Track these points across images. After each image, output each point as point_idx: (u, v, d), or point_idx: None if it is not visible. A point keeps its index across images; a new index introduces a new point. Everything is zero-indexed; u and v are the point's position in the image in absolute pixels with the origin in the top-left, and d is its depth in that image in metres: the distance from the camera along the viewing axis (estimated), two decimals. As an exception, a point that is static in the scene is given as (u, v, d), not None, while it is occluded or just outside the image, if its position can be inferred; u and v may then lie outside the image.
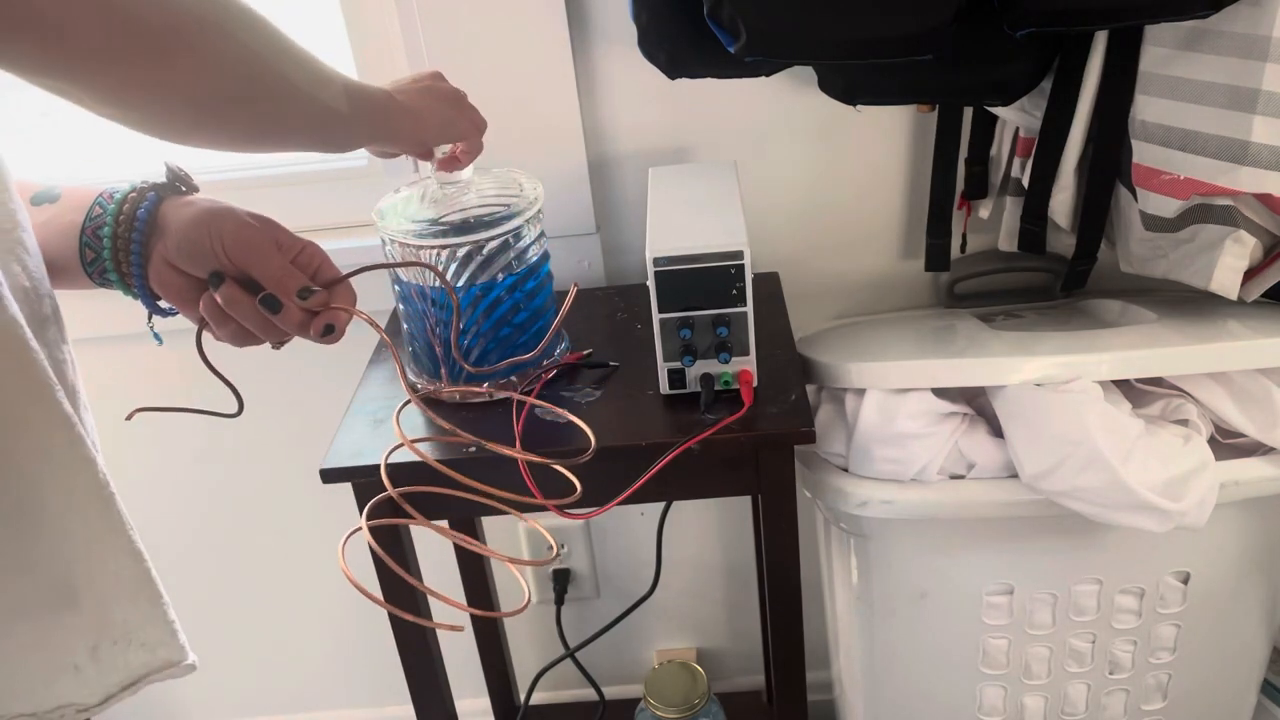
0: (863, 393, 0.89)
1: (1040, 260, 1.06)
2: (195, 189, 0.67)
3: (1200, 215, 0.86)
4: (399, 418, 0.69)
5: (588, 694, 1.29)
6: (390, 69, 1.06)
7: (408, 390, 0.67)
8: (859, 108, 0.99)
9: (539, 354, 0.88)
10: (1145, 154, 0.87)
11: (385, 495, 0.67)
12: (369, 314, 0.67)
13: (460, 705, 1.00)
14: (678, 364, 0.84)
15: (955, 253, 1.07)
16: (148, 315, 0.68)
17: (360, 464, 0.83)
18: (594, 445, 0.74)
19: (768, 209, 1.09)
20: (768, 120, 1.05)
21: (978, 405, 0.91)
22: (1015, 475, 0.87)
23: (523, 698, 1.30)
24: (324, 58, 0.65)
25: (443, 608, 0.64)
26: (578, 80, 1.02)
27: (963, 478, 0.89)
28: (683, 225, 0.84)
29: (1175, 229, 0.88)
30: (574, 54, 1.01)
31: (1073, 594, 0.94)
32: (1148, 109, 0.86)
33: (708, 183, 0.93)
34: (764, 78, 0.99)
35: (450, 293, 0.82)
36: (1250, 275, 0.87)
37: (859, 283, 1.14)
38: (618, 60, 1.03)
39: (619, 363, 0.92)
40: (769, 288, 1.02)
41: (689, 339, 0.82)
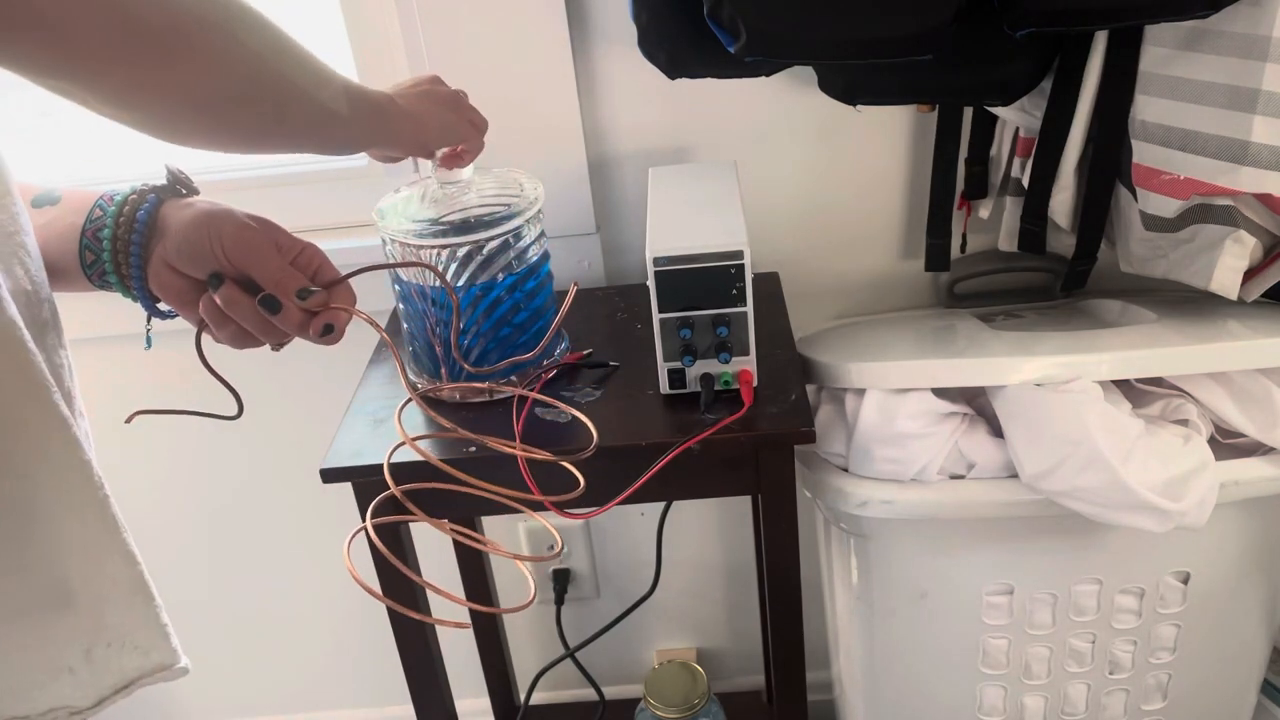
0: (863, 393, 0.89)
1: (1040, 260, 1.06)
2: (195, 191, 0.67)
3: (1200, 215, 0.86)
4: (400, 416, 0.69)
5: (588, 694, 1.29)
6: (390, 69, 1.06)
7: (408, 389, 0.67)
8: (859, 108, 0.99)
9: (539, 354, 0.88)
10: (1145, 154, 0.87)
11: (388, 494, 0.67)
12: (369, 314, 0.67)
13: (460, 705, 1.00)
14: (678, 364, 0.84)
15: (955, 253, 1.07)
16: (146, 317, 0.68)
17: (360, 464, 0.83)
18: (595, 440, 0.74)
19: (768, 209, 1.09)
20: (768, 120, 1.05)
21: (978, 405, 0.91)
22: (1015, 475, 0.87)
23: (523, 698, 1.30)
24: (324, 59, 0.65)
25: (444, 610, 0.64)
26: (578, 80, 1.02)
27: (963, 478, 0.89)
28: (683, 225, 0.84)
29: (1175, 229, 0.88)
30: (574, 54, 1.01)
31: (1073, 594, 0.94)
32: (1148, 109, 0.86)
33: (708, 183, 0.93)
34: (764, 78, 0.99)
35: (450, 293, 0.82)
36: (1250, 275, 0.87)
37: (859, 283, 1.14)
38: (618, 60, 1.03)
39: (619, 363, 0.92)
40: (769, 288, 1.02)
41: (689, 339, 0.82)
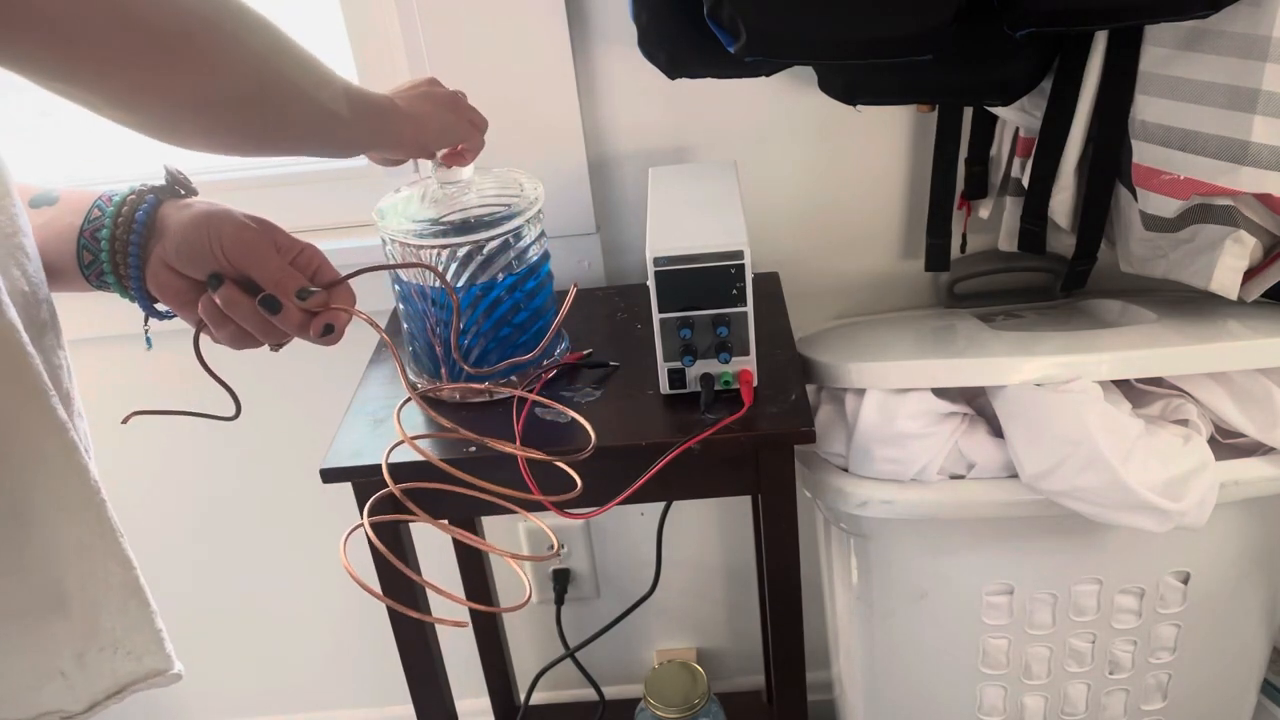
0: (863, 393, 0.89)
1: (1040, 260, 1.06)
2: (194, 192, 0.67)
3: (1200, 215, 0.86)
4: (399, 416, 0.69)
5: (588, 694, 1.29)
6: (390, 69, 1.06)
7: (408, 389, 0.67)
8: (859, 108, 0.99)
9: (539, 354, 0.88)
10: (1145, 154, 0.87)
11: (386, 492, 0.67)
12: (369, 314, 0.67)
13: (460, 705, 1.00)
14: (678, 364, 0.84)
15: (955, 253, 1.07)
16: (144, 318, 0.68)
17: (360, 464, 0.83)
18: (594, 441, 0.74)
19: (768, 209, 1.09)
20: (768, 120, 1.05)
21: (978, 405, 0.91)
22: (1015, 475, 0.87)
23: (523, 698, 1.30)
24: (324, 61, 0.65)
25: (444, 609, 0.64)
26: (578, 80, 1.02)
27: (963, 478, 0.89)
28: (683, 225, 0.84)
29: (1175, 229, 0.88)
30: (574, 54, 1.01)
31: (1073, 594, 0.94)
32: (1148, 109, 0.86)
33: (708, 183, 0.93)
34: (764, 78, 0.99)
35: (450, 293, 0.82)
36: (1250, 275, 0.87)
37: (859, 283, 1.14)
38: (618, 60, 1.03)
39: (619, 363, 0.92)
40: (769, 288, 1.02)
41: (689, 339, 0.82)
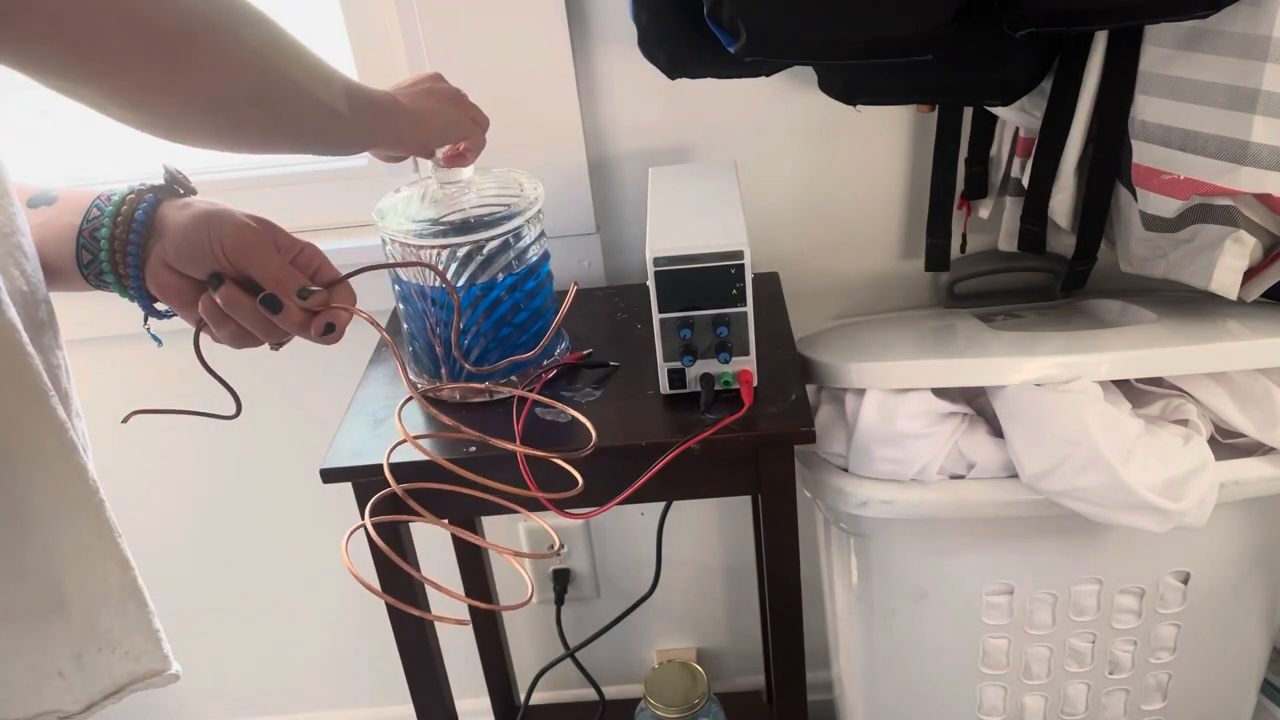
0: (863, 393, 0.89)
1: (1040, 260, 1.06)
2: (193, 191, 0.67)
3: (1200, 215, 0.86)
4: (401, 414, 0.69)
5: (588, 694, 1.29)
6: (390, 69, 1.06)
7: (409, 387, 0.67)
8: (859, 108, 0.99)
9: (539, 354, 0.88)
10: (1145, 154, 0.87)
11: (388, 491, 0.67)
12: (369, 314, 0.67)
13: (460, 705, 1.00)
14: (678, 364, 0.84)
15: (955, 253, 1.07)
16: (144, 317, 0.68)
17: (360, 464, 0.83)
18: (594, 439, 0.74)
19: (768, 209, 1.09)
20: (768, 120, 1.05)
21: (978, 405, 0.91)
22: (1015, 475, 0.87)
23: (523, 697, 1.30)
24: (325, 58, 0.65)
25: (445, 609, 0.64)
26: (578, 80, 1.02)
27: (963, 478, 0.89)
28: (683, 225, 0.84)
29: (1175, 229, 0.88)
30: (574, 54, 1.01)
31: (1073, 594, 0.94)
32: (1148, 109, 0.86)
33: (708, 183, 0.93)
34: (764, 78, 0.99)
35: (451, 292, 0.82)
36: (1250, 275, 0.87)
37: (859, 283, 1.14)
38: (618, 60, 1.03)
39: (619, 363, 0.92)
40: (769, 288, 1.02)
41: (689, 339, 0.82)
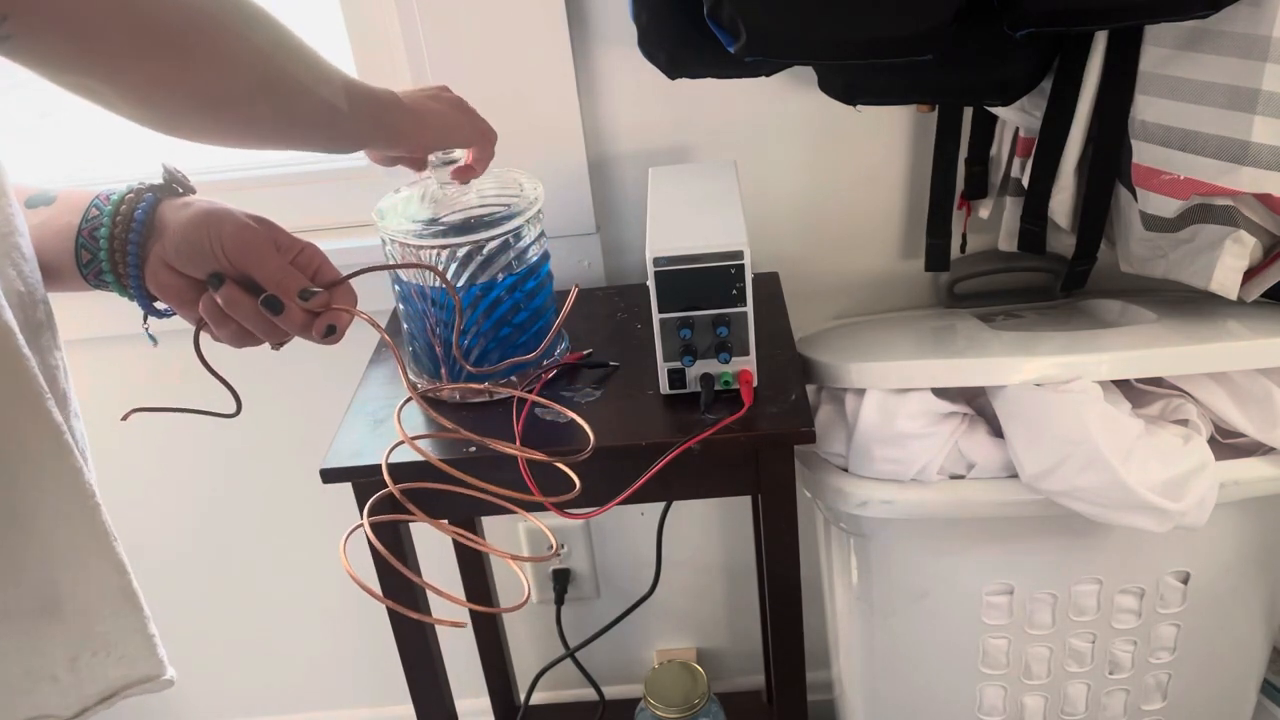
0: (863, 393, 0.89)
1: (1040, 260, 1.06)
2: (192, 190, 0.67)
3: (1200, 215, 0.86)
4: (400, 415, 0.69)
5: (588, 694, 1.29)
6: (390, 69, 1.06)
7: (409, 388, 0.67)
8: (859, 108, 0.99)
9: (539, 354, 0.88)
10: (1145, 154, 0.87)
11: (386, 492, 0.67)
12: (369, 314, 0.67)
13: (460, 705, 1.00)
14: (678, 364, 0.84)
15: (955, 253, 1.07)
16: (143, 317, 0.68)
17: (360, 464, 0.83)
18: (593, 442, 0.74)
19: (768, 209, 1.09)
20: (768, 120, 1.05)
21: (978, 405, 0.91)
22: (1015, 475, 0.87)
23: (523, 698, 1.30)
24: (325, 55, 0.66)
25: (444, 609, 0.64)
26: (578, 80, 1.02)
27: (963, 478, 0.89)
28: (683, 225, 0.84)
29: (1175, 229, 0.88)
30: (574, 54, 1.01)
31: (1073, 594, 0.94)
32: (1148, 109, 0.86)
33: (708, 183, 0.93)
34: (764, 78, 0.99)
35: (452, 292, 0.82)
36: (1250, 275, 0.87)
37: (859, 283, 1.14)
38: (618, 60, 1.03)
39: (619, 363, 0.92)
40: (769, 288, 1.02)
41: (689, 339, 0.82)
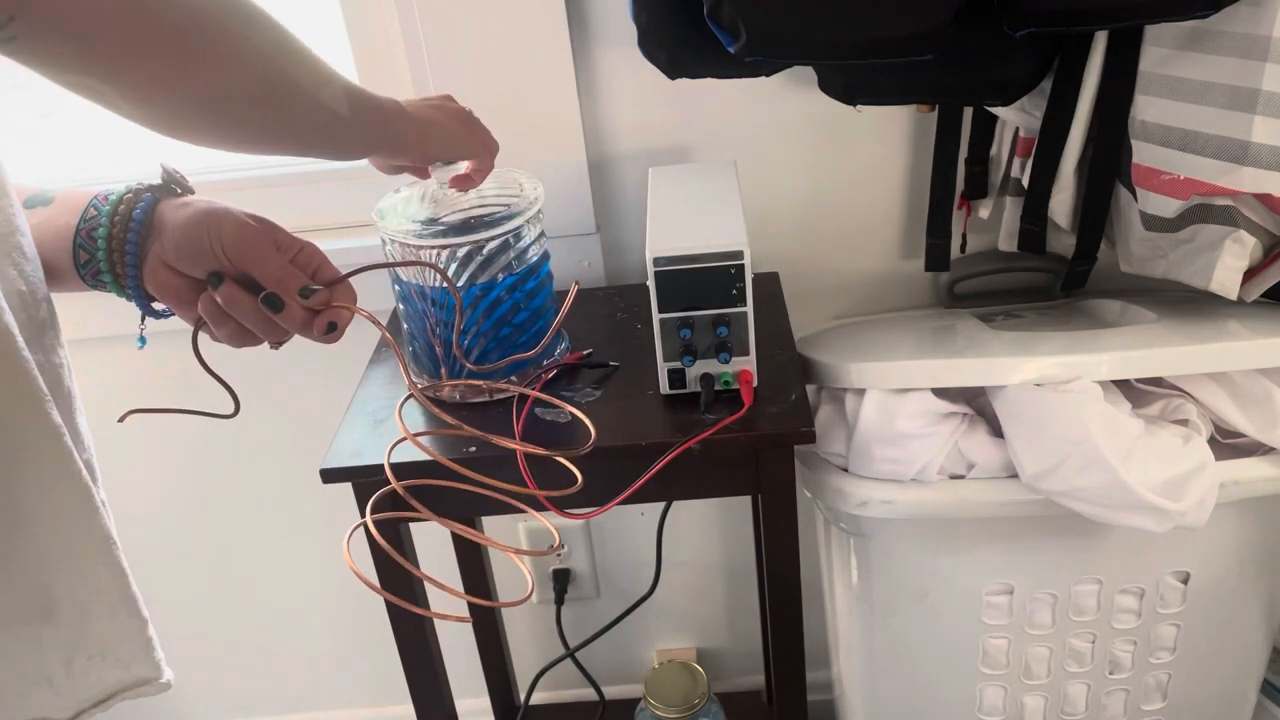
0: (863, 393, 0.89)
1: (1040, 260, 1.06)
2: (191, 190, 0.67)
3: (1200, 215, 0.86)
4: (401, 413, 0.69)
5: (588, 694, 1.29)
6: (390, 69, 1.06)
7: (410, 384, 0.67)
8: (859, 108, 0.99)
9: (539, 354, 0.88)
10: (1145, 154, 0.87)
11: (388, 489, 0.67)
12: (370, 313, 0.67)
13: (460, 705, 1.00)
14: (678, 364, 0.84)
15: (955, 253, 1.07)
16: (140, 317, 0.68)
17: (360, 464, 0.82)
18: (594, 437, 0.74)
19: (768, 209, 1.09)
20: (768, 120, 1.05)
21: (978, 405, 0.91)
22: (1015, 475, 0.87)
23: (523, 697, 1.30)
24: (326, 59, 0.66)
25: (445, 607, 0.64)
26: (578, 80, 1.02)
27: (963, 478, 0.89)
28: (683, 225, 0.84)
29: (1175, 229, 0.88)
30: (574, 54, 1.01)
31: (1073, 594, 0.94)
32: (1148, 109, 0.86)
33: (708, 183, 0.93)
34: (764, 78, 0.99)
35: (453, 290, 0.82)
36: (1250, 275, 0.87)
37: (859, 283, 1.14)
38: (618, 60, 1.03)
39: (619, 363, 0.92)
40: (769, 288, 1.02)
41: (689, 339, 0.82)
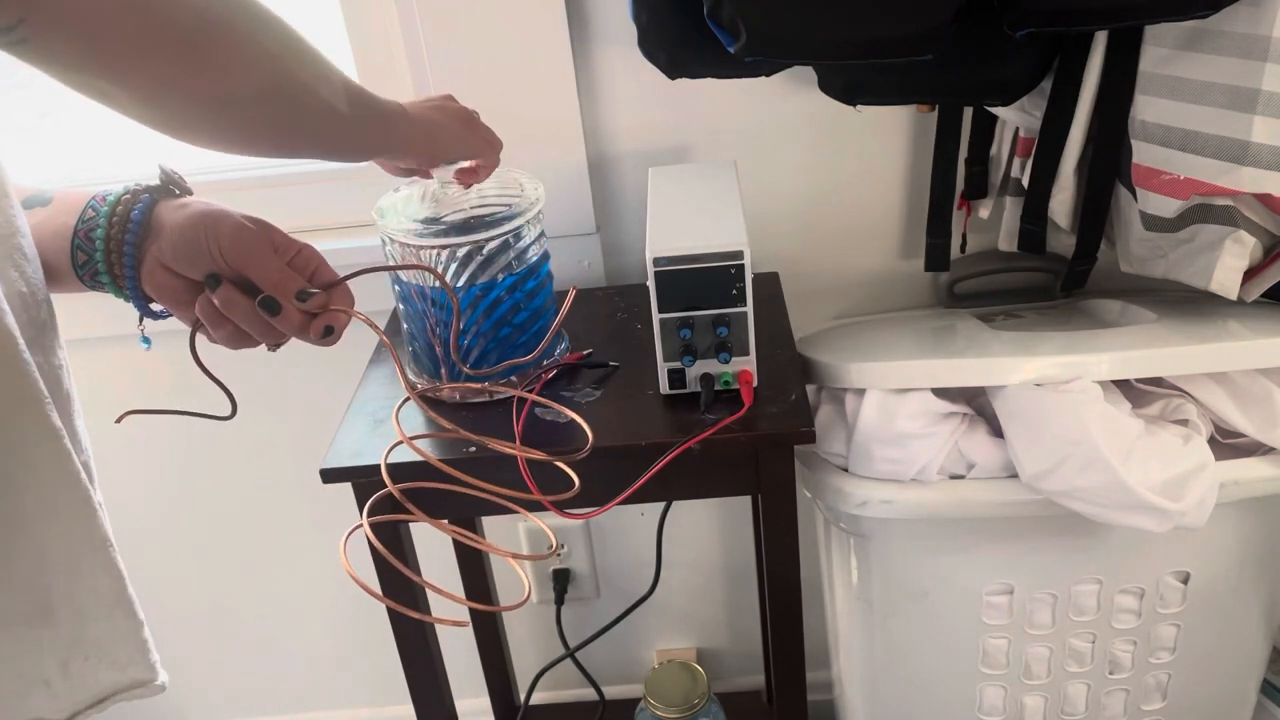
0: (863, 393, 0.89)
1: (1040, 260, 1.06)
2: (189, 191, 0.67)
3: (1200, 215, 0.86)
4: (398, 415, 0.69)
5: (588, 694, 1.29)
6: (390, 70, 1.06)
7: (407, 389, 0.67)
8: (859, 108, 0.99)
9: (539, 354, 0.88)
10: (1145, 154, 0.87)
11: (385, 492, 0.67)
12: (368, 315, 0.67)
13: (460, 705, 1.00)
14: (678, 364, 0.84)
15: (955, 253, 1.07)
16: (138, 318, 0.68)
17: (360, 464, 0.83)
18: (591, 441, 0.74)
19: (768, 209, 1.09)
20: (768, 120, 1.05)
21: (978, 405, 0.91)
22: (1015, 475, 0.87)
23: (523, 698, 1.30)
24: (329, 58, 0.65)
25: (444, 608, 0.64)
26: (578, 80, 1.02)
27: (963, 478, 0.89)
28: (683, 225, 0.84)
29: (1175, 229, 0.88)
30: (574, 54, 1.01)
31: (1073, 594, 0.94)
32: (1148, 109, 0.86)
33: (708, 183, 0.93)
34: (764, 78, 0.99)
35: (450, 294, 0.82)
36: (1250, 275, 0.87)
37: (859, 283, 1.14)
38: (618, 60, 1.03)
39: (619, 363, 0.92)
40: (769, 288, 1.02)
41: (689, 339, 0.82)
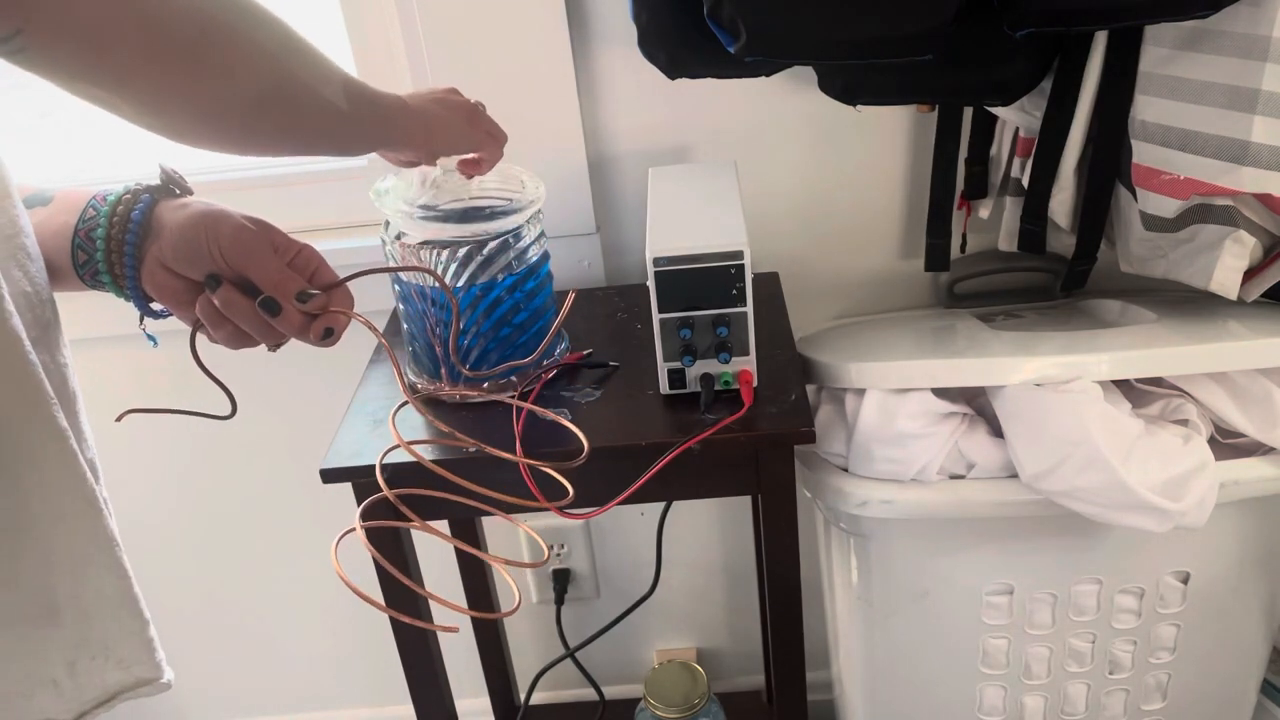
0: (863, 393, 0.89)
1: (1040, 260, 1.06)
2: (189, 191, 0.67)
3: (1200, 215, 0.86)
4: (395, 419, 0.69)
5: (588, 694, 1.29)
6: (390, 69, 1.06)
7: (405, 392, 0.67)
8: (859, 108, 0.99)
9: (539, 354, 0.88)
10: (1145, 154, 0.87)
11: (381, 496, 0.67)
12: (368, 315, 0.67)
13: (460, 705, 1.00)
14: (678, 364, 0.84)
15: (955, 253, 1.07)
16: (139, 317, 0.68)
17: (360, 464, 0.82)
18: (586, 449, 0.74)
19: (768, 209, 1.09)
20: (768, 120, 1.05)
21: (978, 405, 0.91)
22: (1015, 475, 0.87)
23: (523, 698, 1.31)
24: (327, 55, 0.66)
25: (441, 610, 0.64)
26: (578, 80, 1.02)
27: (963, 478, 0.89)
28: (683, 225, 0.84)
29: (1175, 229, 0.88)
30: (574, 54, 1.01)
31: (1073, 594, 0.94)
32: (1148, 109, 0.86)
33: (708, 183, 0.93)
34: (764, 78, 0.99)
35: (450, 295, 0.82)
36: (1250, 275, 0.87)
37: (859, 282, 1.14)
38: (618, 60, 1.03)
39: (619, 363, 0.92)
40: (769, 288, 1.02)
41: (689, 339, 0.82)
